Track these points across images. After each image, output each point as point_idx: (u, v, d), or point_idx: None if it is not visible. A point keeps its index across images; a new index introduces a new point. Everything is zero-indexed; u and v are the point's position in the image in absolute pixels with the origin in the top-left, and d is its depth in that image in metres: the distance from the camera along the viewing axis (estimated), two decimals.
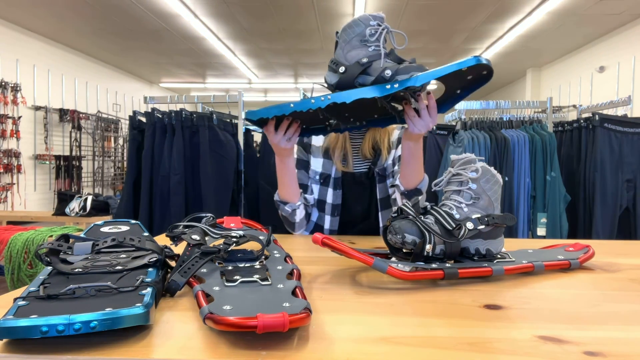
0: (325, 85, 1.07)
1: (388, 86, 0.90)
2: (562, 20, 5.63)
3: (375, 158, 1.32)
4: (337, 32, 1.05)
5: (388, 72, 0.93)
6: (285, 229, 1.33)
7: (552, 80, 7.88)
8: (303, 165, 1.35)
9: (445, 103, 1.08)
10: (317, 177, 1.34)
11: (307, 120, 1.11)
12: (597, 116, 2.85)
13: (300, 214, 1.25)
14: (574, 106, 4.06)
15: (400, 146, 1.29)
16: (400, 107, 1.05)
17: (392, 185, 1.23)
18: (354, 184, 1.32)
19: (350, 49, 1.00)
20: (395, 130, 1.35)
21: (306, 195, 1.31)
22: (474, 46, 6.83)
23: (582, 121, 2.97)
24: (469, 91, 1.04)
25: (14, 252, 2.61)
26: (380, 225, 1.32)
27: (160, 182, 2.80)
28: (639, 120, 2.95)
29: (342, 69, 0.99)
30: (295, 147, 1.35)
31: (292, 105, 0.97)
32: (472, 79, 0.99)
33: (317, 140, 1.36)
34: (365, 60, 0.96)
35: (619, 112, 3.54)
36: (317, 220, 1.36)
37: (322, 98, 0.95)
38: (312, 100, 0.95)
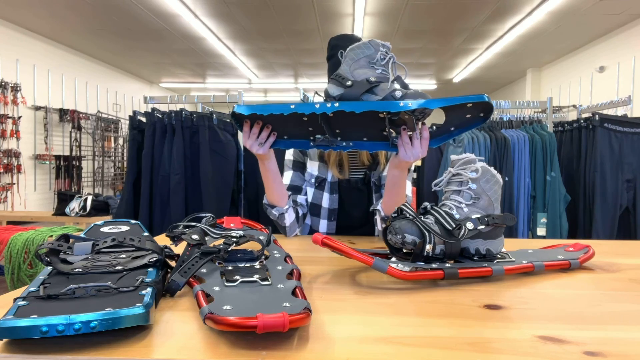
0: (323, 97, 1.06)
1: (402, 103, 0.92)
2: (562, 20, 5.63)
3: (373, 165, 1.31)
4: (340, 52, 1.06)
5: (398, 93, 0.96)
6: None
7: (552, 80, 7.88)
8: (299, 167, 1.34)
9: (436, 137, 1.11)
10: (313, 180, 1.33)
11: (292, 130, 1.09)
12: (597, 116, 2.85)
13: (289, 218, 1.24)
14: (574, 106, 4.06)
15: None
16: (394, 133, 1.05)
17: (374, 210, 1.23)
18: (350, 189, 1.32)
19: (357, 67, 1.02)
20: None
21: (299, 197, 1.31)
22: (474, 46, 6.83)
23: (582, 121, 2.97)
24: (461, 130, 1.09)
25: (14, 252, 2.61)
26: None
27: (160, 182, 2.80)
28: (639, 120, 2.95)
29: (349, 83, 1.00)
30: (292, 149, 1.35)
31: (293, 106, 0.96)
32: (470, 118, 1.03)
33: None
34: (373, 79, 0.99)
35: (619, 112, 3.54)
36: (312, 225, 1.35)
37: (329, 104, 0.94)
38: (317, 105, 0.95)
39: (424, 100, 0.92)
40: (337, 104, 0.94)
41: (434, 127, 1.08)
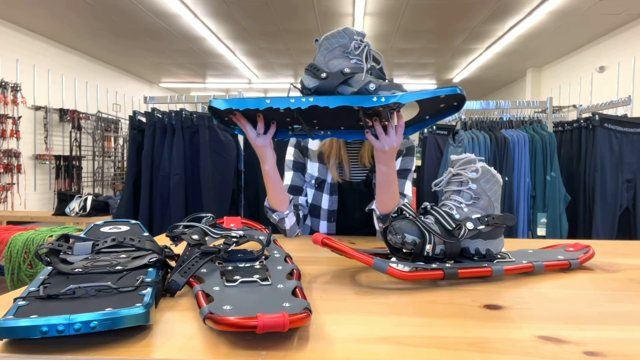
0: (299, 88, 1.06)
1: (375, 98, 0.92)
2: (562, 20, 5.63)
3: (374, 167, 1.31)
4: (316, 40, 1.05)
5: (372, 86, 0.96)
6: None
7: (552, 80, 7.88)
8: (299, 167, 1.34)
9: (412, 126, 1.12)
10: (313, 181, 1.33)
11: (271, 120, 1.09)
12: (597, 116, 2.85)
13: (289, 222, 1.24)
14: (574, 106, 4.07)
15: (397, 160, 1.29)
16: (370, 123, 1.05)
17: (369, 209, 1.22)
18: (352, 191, 1.31)
19: (332, 58, 1.01)
20: None
21: (299, 198, 1.31)
22: (474, 46, 6.83)
23: (582, 121, 2.97)
24: (436, 119, 1.10)
25: (14, 252, 2.61)
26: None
27: (160, 182, 2.80)
28: (639, 120, 2.95)
29: (323, 75, 0.99)
30: (292, 149, 1.34)
31: (268, 101, 0.95)
32: (444, 107, 1.03)
33: (313, 144, 1.35)
34: (348, 70, 0.98)
35: (619, 112, 3.54)
36: (312, 226, 1.35)
37: (303, 99, 0.94)
38: (292, 100, 0.94)
39: (396, 95, 0.92)
40: (311, 99, 0.94)
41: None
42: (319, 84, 1.00)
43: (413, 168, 1.32)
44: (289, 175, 1.33)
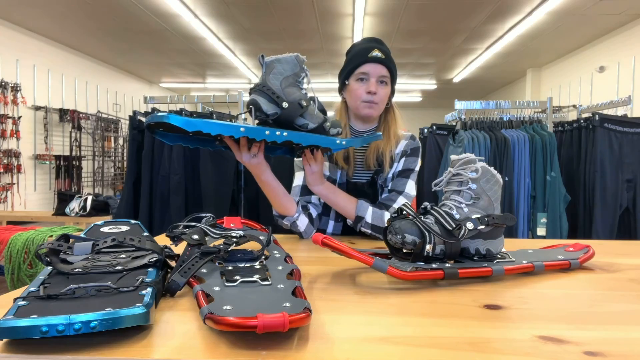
0: (253, 108, 1.00)
1: (338, 141, 1.03)
2: (562, 20, 5.63)
3: (379, 169, 1.32)
4: (262, 55, 1.02)
5: (327, 125, 1.04)
6: (286, 230, 1.33)
7: (552, 80, 7.88)
8: None
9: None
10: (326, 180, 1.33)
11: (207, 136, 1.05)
12: (597, 116, 2.85)
13: (302, 224, 1.24)
14: (574, 106, 4.06)
15: (401, 160, 1.31)
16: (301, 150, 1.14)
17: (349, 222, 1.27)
18: (356, 192, 1.31)
19: (287, 85, 1.01)
20: (402, 141, 1.33)
21: (312, 197, 1.30)
22: (474, 46, 6.83)
23: (582, 121, 2.97)
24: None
25: (14, 252, 2.61)
26: None
27: (160, 182, 2.80)
28: (639, 120, 2.95)
29: (285, 105, 0.99)
30: None
31: (243, 129, 0.92)
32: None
33: None
34: (304, 103, 1.01)
35: (619, 112, 3.53)
36: (321, 224, 1.36)
37: (278, 132, 0.94)
38: (267, 132, 0.93)
39: (352, 140, 1.07)
40: (285, 133, 0.95)
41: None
42: (281, 113, 0.99)
43: (417, 168, 1.32)
44: (300, 174, 1.33)
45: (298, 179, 1.33)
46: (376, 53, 1.24)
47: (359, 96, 1.25)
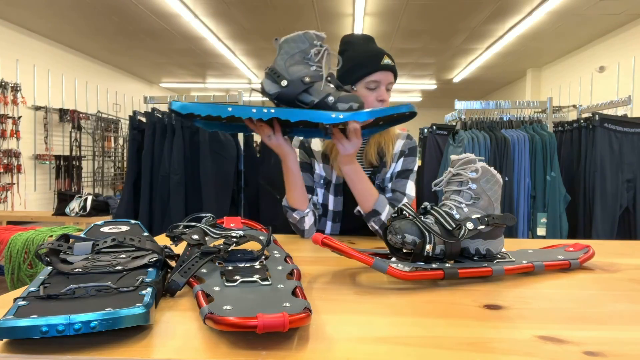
0: (260, 91, 1.05)
1: (334, 115, 0.96)
2: (562, 20, 5.63)
3: (376, 169, 1.30)
4: (276, 39, 1.05)
5: (331, 99, 0.98)
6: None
7: (552, 80, 7.88)
8: (307, 168, 1.33)
9: (366, 129, 1.15)
10: (322, 181, 1.33)
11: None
12: (597, 116, 2.85)
13: (309, 221, 1.24)
14: (574, 106, 4.06)
15: (400, 160, 1.30)
16: (327, 126, 1.09)
17: (357, 212, 1.23)
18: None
19: (292, 63, 1.01)
20: (399, 140, 1.32)
21: (313, 198, 1.30)
22: (474, 46, 6.83)
23: (582, 121, 2.97)
24: (390, 124, 1.17)
25: (14, 252, 2.61)
26: None
27: (160, 182, 2.80)
28: (639, 120, 2.95)
29: (284, 83, 0.99)
30: (297, 150, 1.34)
31: (230, 109, 0.95)
32: (396, 117, 1.07)
33: (316, 145, 1.34)
34: (307, 79, 0.99)
35: (619, 112, 3.54)
36: (319, 226, 1.35)
37: (265, 110, 0.95)
38: (254, 110, 0.95)
39: (353, 114, 0.97)
40: (272, 110, 0.95)
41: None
42: (280, 92, 1.00)
43: (415, 168, 1.31)
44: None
45: None
46: (387, 61, 1.22)
47: (370, 104, 1.22)
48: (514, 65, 7.98)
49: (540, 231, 2.87)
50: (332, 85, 1.01)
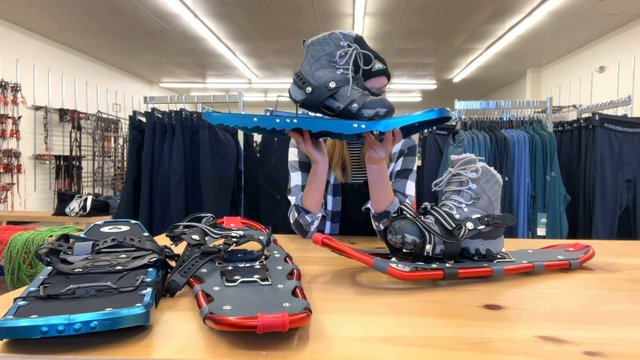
0: (288, 97, 1.05)
1: (355, 125, 0.93)
2: (562, 20, 5.63)
3: None
4: (304, 41, 1.03)
5: (355, 106, 0.95)
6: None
7: (552, 80, 7.88)
8: (305, 168, 1.33)
9: (402, 131, 1.13)
10: None
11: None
12: (597, 116, 2.85)
13: (317, 224, 1.25)
14: (574, 106, 4.07)
15: (399, 160, 1.29)
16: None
17: (365, 209, 1.23)
18: (353, 193, 1.31)
19: (318, 68, 0.99)
20: None
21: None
22: (474, 46, 6.83)
23: (582, 121, 2.97)
24: (426, 126, 1.14)
25: (14, 252, 2.61)
26: None
27: (160, 182, 2.80)
28: (639, 120, 2.95)
29: (309, 89, 0.98)
30: (295, 149, 1.34)
31: (255, 119, 0.96)
32: (431, 120, 1.03)
33: None
34: (333, 85, 0.97)
35: (619, 112, 3.54)
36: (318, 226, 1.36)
37: (288, 120, 0.95)
38: (277, 120, 0.95)
39: (376, 123, 0.93)
40: (295, 120, 0.95)
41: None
42: (305, 98, 0.99)
43: (415, 168, 1.31)
44: (296, 175, 1.32)
45: (296, 179, 1.32)
46: (378, 66, 1.20)
47: None
48: (514, 65, 7.98)
49: (540, 231, 2.87)
50: (359, 90, 0.98)
